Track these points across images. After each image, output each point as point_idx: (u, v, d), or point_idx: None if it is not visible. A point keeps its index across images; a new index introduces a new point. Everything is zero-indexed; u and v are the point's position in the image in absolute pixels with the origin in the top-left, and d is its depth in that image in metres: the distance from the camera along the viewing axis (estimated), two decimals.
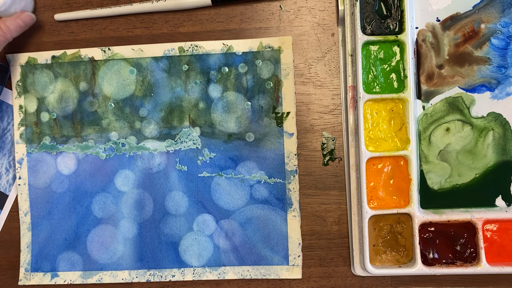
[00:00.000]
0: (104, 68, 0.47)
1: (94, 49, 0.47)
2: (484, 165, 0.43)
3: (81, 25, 0.48)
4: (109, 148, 0.47)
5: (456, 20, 0.43)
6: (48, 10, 0.48)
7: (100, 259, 0.47)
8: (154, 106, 0.47)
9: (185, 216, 0.47)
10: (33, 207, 0.48)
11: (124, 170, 0.47)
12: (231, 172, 0.46)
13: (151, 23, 0.47)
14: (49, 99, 0.48)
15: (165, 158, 0.47)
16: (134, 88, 0.47)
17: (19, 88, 0.48)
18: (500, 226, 0.42)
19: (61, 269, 0.47)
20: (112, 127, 0.47)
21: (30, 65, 0.48)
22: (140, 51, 0.47)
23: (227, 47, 0.46)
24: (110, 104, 0.47)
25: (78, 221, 0.47)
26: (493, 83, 0.43)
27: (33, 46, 0.48)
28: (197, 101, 0.47)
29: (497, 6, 0.43)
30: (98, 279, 0.47)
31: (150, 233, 0.47)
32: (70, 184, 0.47)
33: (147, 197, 0.47)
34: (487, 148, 0.43)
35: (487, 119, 0.43)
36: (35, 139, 0.48)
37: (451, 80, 0.43)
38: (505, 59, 0.43)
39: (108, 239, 0.47)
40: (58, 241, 0.47)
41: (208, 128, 0.46)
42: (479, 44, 0.43)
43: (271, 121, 0.46)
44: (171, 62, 0.47)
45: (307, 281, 0.46)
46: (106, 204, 0.47)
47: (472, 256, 0.42)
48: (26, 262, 0.47)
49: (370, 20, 0.42)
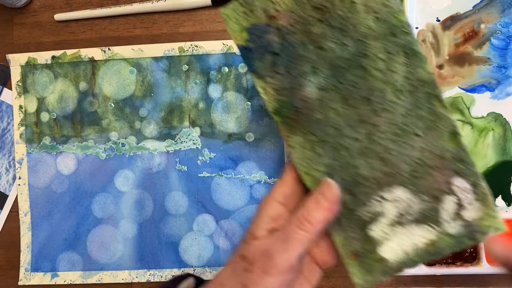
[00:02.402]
0: (104, 68, 0.47)
1: (94, 49, 0.47)
2: (484, 165, 0.43)
3: (81, 25, 0.48)
4: (109, 148, 0.47)
5: (456, 20, 0.43)
6: (48, 10, 0.48)
7: (100, 259, 0.47)
8: (154, 106, 0.47)
9: (185, 216, 0.46)
10: (33, 207, 0.48)
11: (124, 170, 0.47)
12: (231, 172, 0.46)
13: (151, 23, 0.47)
14: (49, 99, 0.48)
15: (165, 158, 0.47)
16: (134, 88, 0.47)
17: (19, 88, 0.48)
18: None
19: (61, 269, 0.47)
20: (112, 127, 0.47)
21: (30, 65, 0.48)
22: (140, 51, 0.47)
23: (227, 47, 0.46)
24: (110, 104, 0.47)
25: (78, 221, 0.47)
26: (493, 83, 0.43)
27: (33, 46, 0.48)
28: (197, 101, 0.46)
29: (497, 6, 0.43)
30: (98, 279, 0.47)
31: (150, 233, 0.47)
32: (70, 184, 0.47)
33: (147, 197, 0.47)
34: (487, 148, 0.43)
35: (487, 119, 0.43)
36: (35, 139, 0.48)
37: (451, 80, 0.43)
38: (505, 59, 0.43)
39: (108, 239, 0.47)
40: (58, 241, 0.47)
41: (208, 128, 0.46)
42: (479, 44, 0.43)
43: (271, 121, 0.46)
44: (171, 62, 0.47)
45: None
46: (106, 204, 0.47)
47: (472, 256, 0.42)
48: (26, 262, 0.47)
49: None
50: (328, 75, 0.30)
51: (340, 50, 0.29)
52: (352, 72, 0.29)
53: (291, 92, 0.30)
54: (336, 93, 0.30)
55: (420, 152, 0.29)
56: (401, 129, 0.29)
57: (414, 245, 0.30)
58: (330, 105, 0.30)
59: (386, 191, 0.30)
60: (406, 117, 0.29)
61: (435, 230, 0.30)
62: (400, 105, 0.29)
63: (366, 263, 0.30)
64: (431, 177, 0.29)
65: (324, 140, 0.30)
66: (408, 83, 0.29)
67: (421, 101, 0.29)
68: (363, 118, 0.30)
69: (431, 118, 0.29)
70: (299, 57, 0.30)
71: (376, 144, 0.30)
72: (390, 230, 0.30)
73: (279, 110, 0.30)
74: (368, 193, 0.30)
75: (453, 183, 0.29)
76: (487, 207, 0.29)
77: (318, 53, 0.30)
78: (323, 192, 0.29)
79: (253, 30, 0.30)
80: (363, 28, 0.29)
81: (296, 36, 0.30)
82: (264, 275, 0.29)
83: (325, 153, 0.30)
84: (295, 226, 0.29)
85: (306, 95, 0.30)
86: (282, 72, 0.30)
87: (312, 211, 0.29)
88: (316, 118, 0.30)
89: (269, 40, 0.30)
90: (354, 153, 0.30)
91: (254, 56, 0.30)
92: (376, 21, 0.29)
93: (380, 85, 0.29)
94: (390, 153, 0.30)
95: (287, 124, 0.30)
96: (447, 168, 0.29)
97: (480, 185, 0.29)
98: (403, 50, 0.29)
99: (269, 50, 0.30)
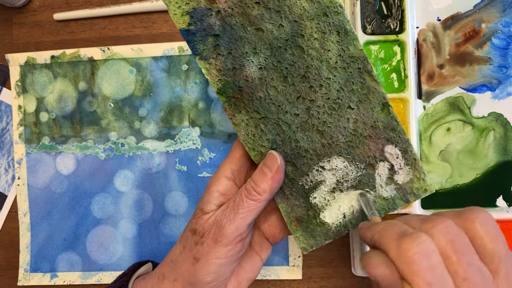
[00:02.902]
0: (104, 68, 0.47)
1: (94, 49, 0.47)
2: (485, 165, 0.43)
3: (80, 25, 0.48)
4: (109, 148, 0.47)
5: (457, 20, 0.43)
6: (48, 10, 0.48)
7: (100, 259, 0.47)
8: (154, 106, 0.47)
9: (184, 217, 0.46)
10: (32, 208, 0.47)
11: (123, 170, 0.47)
12: None
13: (151, 23, 0.47)
14: (48, 99, 0.47)
15: (164, 158, 0.46)
16: (133, 88, 0.47)
17: (18, 88, 0.48)
18: (501, 226, 0.42)
19: (60, 270, 0.47)
20: (111, 127, 0.47)
21: (29, 65, 0.48)
22: (139, 51, 0.47)
23: None
24: (110, 104, 0.47)
25: (78, 221, 0.47)
26: (494, 83, 0.43)
27: (32, 46, 0.48)
28: (196, 101, 0.46)
29: (498, 5, 0.43)
30: (98, 280, 0.47)
31: (150, 234, 0.47)
32: (69, 184, 0.47)
33: (146, 197, 0.47)
34: (488, 148, 0.43)
35: (488, 119, 0.43)
36: (34, 139, 0.48)
37: (452, 80, 0.43)
38: (506, 58, 0.43)
39: (108, 239, 0.47)
40: (58, 242, 0.47)
41: (207, 128, 0.46)
42: (480, 44, 0.43)
43: None
44: (170, 62, 0.46)
45: (307, 281, 0.46)
46: (105, 204, 0.47)
47: None
48: (25, 262, 0.47)
49: (371, 19, 0.42)
50: (267, 55, 0.32)
51: (277, 31, 0.31)
52: (290, 51, 0.32)
53: (234, 72, 0.32)
54: (275, 72, 0.32)
55: (354, 124, 0.32)
56: (336, 103, 0.32)
57: (352, 208, 0.33)
58: (270, 84, 0.32)
59: (325, 161, 0.33)
60: (340, 92, 0.32)
61: (370, 195, 0.33)
62: (335, 81, 0.32)
63: (309, 228, 0.33)
64: (365, 146, 0.32)
65: (267, 117, 0.32)
66: (341, 60, 0.32)
67: (354, 76, 0.32)
68: (302, 94, 0.32)
69: (363, 91, 0.32)
70: (240, 39, 0.32)
71: (314, 118, 0.32)
72: (330, 196, 0.33)
73: (223, 90, 0.32)
74: (309, 164, 0.33)
75: (385, 150, 0.32)
76: (417, 171, 0.32)
77: (257, 34, 0.31)
78: (267, 163, 0.31)
79: (194, 13, 0.31)
80: (298, 9, 0.31)
81: (235, 19, 0.31)
82: (215, 245, 0.30)
83: (268, 129, 0.33)
84: (244, 196, 0.31)
85: (248, 74, 0.32)
86: (224, 54, 0.32)
87: (258, 181, 0.31)
88: (258, 96, 0.32)
89: (210, 23, 0.31)
90: (295, 128, 0.32)
91: (196, 39, 0.32)
92: (310, 3, 0.31)
93: (316, 63, 0.32)
94: (327, 125, 0.32)
95: (231, 103, 0.32)
96: (380, 136, 0.32)
97: (409, 151, 0.32)
98: (336, 29, 0.31)
99: (210, 32, 0.31)
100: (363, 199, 0.32)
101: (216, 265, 0.31)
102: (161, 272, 0.34)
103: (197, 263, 0.31)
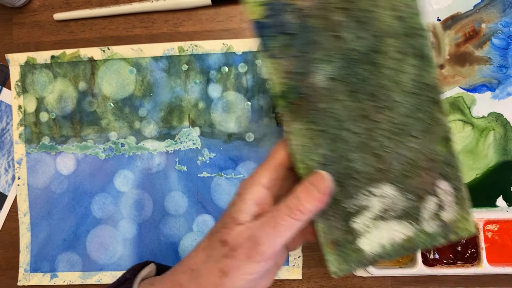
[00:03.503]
0: (104, 68, 0.47)
1: (94, 49, 0.47)
2: (485, 165, 0.43)
3: (80, 25, 0.48)
4: (109, 148, 0.47)
5: (456, 20, 0.43)
6: (48, 10, 0.48)
7: (100, 259, 0.47)
8: (154, 106, 0.47)
9: (184, 217, 0.46)
10: (32, 208, 0.47)
11: (123, 170, 0.47)
12: (231, 172, 0.46)
13: (151, 23, 0.47)
14: (48, 99, 0.47)
15: (164, 158, 0.46)
16: (133, 88, 0.47)
17: (18, 88, 0.48)
18: (501, 226, 0.42)
19: (60, 270, 0.47)
20: (111, 127, 0.47)
21: (30, 65, 0.48)
22: (139, 51, 0.47)
23: (227, 46, 0.46)
24: (110, 104, 0.47)
25: (78, 221, 0.47)
26: (494, 83, 0.43)
27: (33, 46, 0.48)
28: (196, 101, 0.46)
29: (498, 5, 0.43)
30: (98, 280, 0.47)
31: (150, 234, 0.47)
32: (69, 185, 0.47)
33: (146, 197, 0.47)
34: (488, 148, 0.43)
35: (488, 119, 0.43)
36: (34, 139, 0.48)
37: (452, 80, 0.43)
38: (506, 59, 0.43)
39: (108, 239, 0.47)
40: (58, 242, 0.47)
41: (208, 128, 0.46)
42: (480, 44, 0.43)
43: (271, 121, 0.46)
44: (170, 62, 0.46)
45: (307, 281, 0.46)
46: (105, 204, 0.47)
47: (473, 256, 0.42)
48: (25, 262, 0.47)
49: None
50: (339, 66, 0.29)
51: (356, 42, 0.29)
52: (363, 66, 0.29)
53: (300, 77, 0.29)
54: (344, 85, 0.30)
55: (413, 153, 0.30)
56: (399, 128, 0.30)
57: (392, 240, 0.31)
58: (335, 96, 0.30)
59: (375, 187, 0.31)
60: (406, 118, 0.30)
61: (413, 227, 0.31)
62: (403, 106, 0.30)
63: (344, 252, 0.31)
64: (419, 177, 0.30)
65: (324, 130, 0.30)
66: (414, 85, 0.29)
67: (423, 105, 0.30)
68: (366, 113, 0.30)
69: (429, 122, 0.30)
70: (314, 43, 0.29)
71: (373, 140, 0.30)
72: (372, 223, 0.31)
73: (285, 94, 0.30)
74: (358, 186, 0.31)
75: (438, 185, 0.30)
76: (464, 211, 0.30)
77: (334, 41, 0.29)
78: (315, 183, 0.29)
79: (271, 5, 0.29)
80: (382, 24, 0.29)
81: (315, 20, 0.29)
82: (248, 261, 0.29)
83: (323, 143, 0.30)
84: (285, 214, 0.29)
85: (314, 82, 0.29)
86: (294, 56, 0.29)
87: (303, 200, 0.29)
88: (319, 107, 0.30)
89: (287, 20, 0.29)
90: (351, 147, 0.30)
91: (268, 33, 0.29)
92: (397, 20, 0.29)
93: (388, 83, 0.29)
94: (386, 150, 0.30)
95: (289, 109, 0.30)
96: (435, 170, 0.30)
97: (461, 189, 0.30)
98: (416, 53, 0.29)
99: (285, 30, 0.29)
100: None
101: (245, 281, 0.29)
102: (176, 280, 0.31)
103: (225, 277, 0.29)
